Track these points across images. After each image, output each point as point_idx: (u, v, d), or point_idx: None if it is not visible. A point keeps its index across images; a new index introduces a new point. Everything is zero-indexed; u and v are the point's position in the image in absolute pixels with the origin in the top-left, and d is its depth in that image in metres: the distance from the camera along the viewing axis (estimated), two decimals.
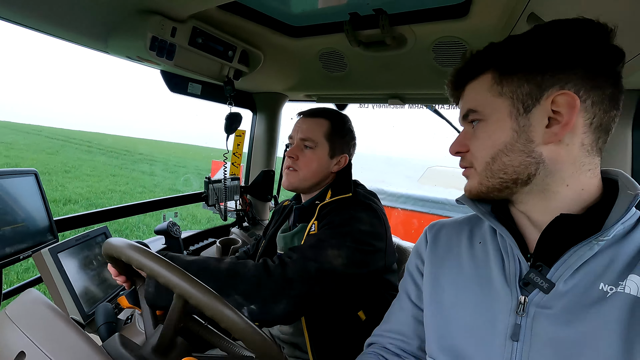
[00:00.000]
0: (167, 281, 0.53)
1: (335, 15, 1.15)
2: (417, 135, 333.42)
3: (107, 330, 0.66)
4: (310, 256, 0.84)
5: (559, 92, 0.49)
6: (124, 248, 0.58)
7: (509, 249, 0.58)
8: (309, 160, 1.07)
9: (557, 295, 0.51)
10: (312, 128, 1.08)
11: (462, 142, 0.60)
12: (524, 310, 0.53)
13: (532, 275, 0.53)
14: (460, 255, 0.65)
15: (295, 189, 1.11)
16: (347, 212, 0.95)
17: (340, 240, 0.87)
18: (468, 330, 0.58)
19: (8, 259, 0.83)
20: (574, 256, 0.50)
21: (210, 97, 1.56)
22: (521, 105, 0.52)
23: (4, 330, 0.49)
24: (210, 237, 1.79)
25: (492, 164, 0.55)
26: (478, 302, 0.58)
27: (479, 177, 0.57)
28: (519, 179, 0.53)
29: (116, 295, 1.03)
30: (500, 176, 0.55)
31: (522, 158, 0.52)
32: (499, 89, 0.54)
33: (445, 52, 1.16)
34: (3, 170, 0.86)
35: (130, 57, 1.10)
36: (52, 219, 0.98)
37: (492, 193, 0.57)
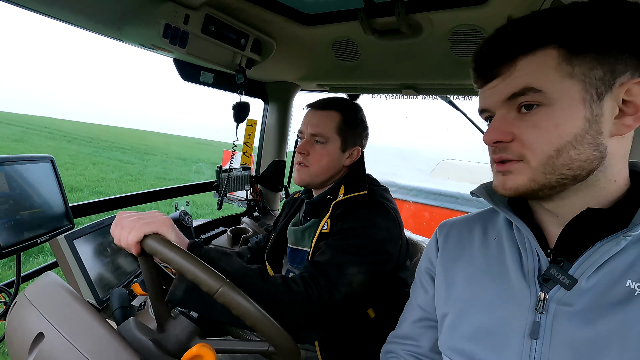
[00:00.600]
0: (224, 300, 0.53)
1: (350, 2, 1.13)
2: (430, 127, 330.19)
3: (122, 314, 0.67)
4: (334, 280, 0.81)
5: (636, 80, 0.44)
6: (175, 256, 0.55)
7: (527, 243, 0.55)
8: (319, 156, 1.04)
9: (579, 292, 0.49)
10: (322, 122, 1.05)
11: (505, 130, 0.50)
12: (544, 307, 0.50)
13: (553, 271, 0.50)
14: (473, 252, 0.63)
15: (306, 185, 1.09)
16: (363, 216, 0.91)
17: (358, 253, 0.85)
18: (484, 328, 0.56)
19: (26, 242, 0.85)
20: (599, 252, 0.48)
21: (222, 86, 1.56)
22: (594, 91, 0.45)
23: (24, 312, 0.50)
24: (221, 226, 1.81)
25: (557, 157, 0.47)
26: (494, 299, 0.56)
27: (532, 173, 0.49)
28: (580, 175, 0.48)
29: (130, 282, 1.05)
30: (563, 172, 0.47)
31: (589, 152, 0.46)
32: (569, 69, 0.45)
33: (462, 41, 1.12)
34: (20, 156, 0.88)
35: (143, 45, 1.10)
36: (68, 205, 1.00)
37: (541, 191, 0.50)
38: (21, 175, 0.87)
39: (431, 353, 0.69)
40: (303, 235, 1.05)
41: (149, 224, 0.62)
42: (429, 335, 0.69)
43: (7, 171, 0.84)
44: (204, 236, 1.66)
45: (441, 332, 0.64)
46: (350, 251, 0.85)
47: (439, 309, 0.65)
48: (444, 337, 0.62)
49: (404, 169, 4.69)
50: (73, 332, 0.46)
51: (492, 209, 0.64)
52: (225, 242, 1.66)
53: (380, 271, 0.89)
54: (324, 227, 0.97)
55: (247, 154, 1.87)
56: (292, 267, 1.10)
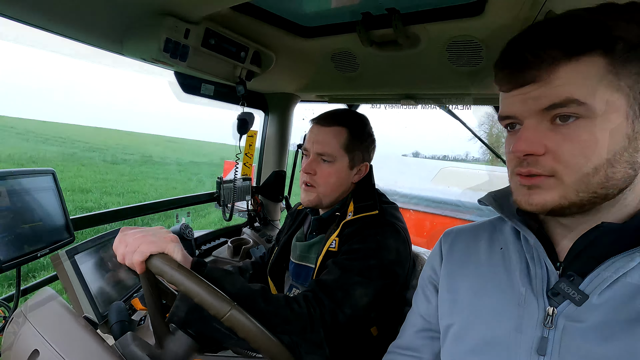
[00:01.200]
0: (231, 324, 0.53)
1: (348, 15, 1.15)
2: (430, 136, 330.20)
3: (120, 329, 0.67)
4: (340, 301, 0.80)
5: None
6: (181, 277, 0.56)
7: (535, 255, 0.53)
8: (327, 176, 1.00)
9: (590, 309, 0.47)
10: (328, 140, 1.00)
11: (539, 142, 0.45)
12: (552, 323, 0.48)
13: (563, 285, 0.48)
14: (478, 262, 0.61)
15: (315, 206, 1.05)
16: (374, 237, 0.89)
17: (367, 275, 0.84)
18: (488, 340, 0.54)
19: (26, 256, 0.85)
20: (612, 267, 0.46)
21: (223, 98, 1.58)
22: (638, 106, 0.42)
23: (21, 328, 0.50)
24: (221, 238, 1.81)
25: (594, 175, 0.43)
26: (499, 311, 0.54)
27: (565, 190, 0.45)
28: (612, 194, 0.45)
29: (130, 296, 1.05)
30: (597, 190, 0.44)
31: (625, 170, 0.44)
32: (615, 81, 0.41)
33: (459, 51, 1.13)
34: (22, 170, 0.88)
35: (144, 59, 1.12)
36: (68, 218, 1.00)
37: (569, 209, 0.46)
38: (22, 188, 0.88)
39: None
40: (309, 251, 1.03)
41: (154, 243, 0.61)
42: (431, 347, 0.68)
43: (9, 185, 0.84)
44: (205, 247, 1.65)
45: (444, 344, 0.62)
46: (359, 273, 0.84)
47: (442, 319, 0.64)
48: (447, 348, 0.61)
49: (405, 176, 4.69)
50: (68, 349, 0.46)
51: (499, 218, 0.62)
52: (226, 254, 1.66)
53: (388, 292, 0.88)
54: (331, 245, 0.95)
55: (247, 164, 1.88)
56: (297, 283, 1.08)
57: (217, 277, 0.73)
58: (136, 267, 0.60)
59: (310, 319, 0.76)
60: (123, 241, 0.63)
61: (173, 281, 0.55)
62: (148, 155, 17.22)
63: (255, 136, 1.86)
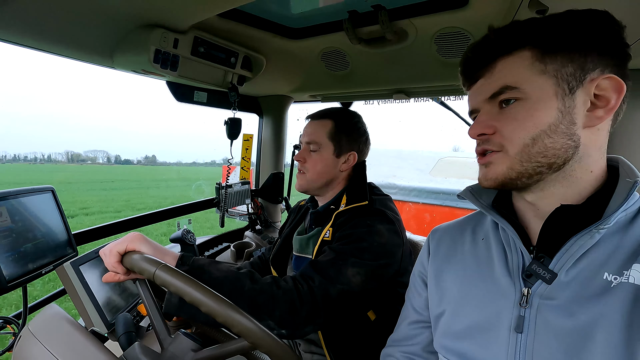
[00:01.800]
0: (193, 300, 0.55)
1: (335, 14, 1.15)
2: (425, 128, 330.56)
3: (127, 340, 0.68)
4: (332, 277, 0.84)
5: (605, 75, 0.48)
6: (149, 266, 0.59)
7: (512, 242, 0.57)
8: (314, 162, 1.08)
9: (560, 286, 0.51)
10: (315, 130, 1.10)
11: (488, 123, 0.55)
12: (527, 302, 0.52)
13: (534, 267, 0.53)
14: (463, 253, 0.65)
15: (305, 190, 1.12)
16: (364, 224, 0.94)
17: (359, 256, 0.88)
18: (473, 326, 0.58)
19: (31, 274, 0.86)
20: (575, 245, 0.50)
21: (217, 103, 1.58)
22: (566, 86, 0.50)
23: (28, 346, 0.51)
24: (224, 242, 1.82)
25: (532, 146, 0.51)
26: (482, 297, 0.58)
27: (511, 161, 0.53)
28: (555, 163, 0.51)
29: (137, 303, 1.06)
30: (539, 160, 0.51)
31: (563, 140, 0.50)
32: (541, 66, 0.50)
33: (447, 43, 1.14)
34: (21, 190, 0.89)
35: (135, 71, 1.13)
36: (70, 233, 1.01)
37: (520, 180, 0.53)
38: (23, 207, 0.89)
39: (424, 352, 0.71)
40: (307, 244, 1.08)
41: (119, 243, 0.71)
42: (423, 335, 0.71)
43: (9, 205, 0.85)
44: (208, 253, 1.67)
45: (435, 332, 0.66)
46: (351, 254, 0.88)
47: (432, 310, 0.67)
48: (438, 336, 0.64)
49: (403, 170, 4.69)
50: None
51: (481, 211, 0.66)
52: (229, 258, 1.67)
53: (379, 275, 0.90)
54: (325, 235, 1.00)
55: (245, 168, 1.89)
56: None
57: (202, 264, 0.78)
58: (118, 270, 0.71)
59: (298, 294, 0.80)
60: (103, 255, 0.73)
61: (141, 270, 0.61)
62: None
63: (252, 140, 1.87)
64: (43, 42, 0.93)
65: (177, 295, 0.67)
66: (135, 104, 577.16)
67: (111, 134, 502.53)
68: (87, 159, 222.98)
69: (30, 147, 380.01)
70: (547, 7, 0.77)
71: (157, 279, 0.57)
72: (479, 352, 0.56)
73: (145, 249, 0.72)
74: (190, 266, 0.77)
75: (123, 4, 0.87)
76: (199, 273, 0.76)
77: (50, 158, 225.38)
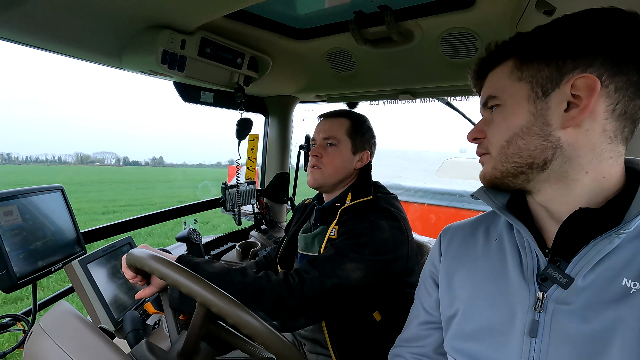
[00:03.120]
0: (189, 291, 0.55)
1: (341, 14, 1.16)
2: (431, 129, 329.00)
3: (135, 337, 0.69)
4: (328, 272, 0.84)
5: (579, 75, 0.48)
6: (146, 259, 0.60)
7: (526, 244, 0.57)
8: (332, 158, 1.09)
9: (577, 291, 0.49)
10: (334, 127, 1.11)
11: (480, 129, 0.60)
12: (542, 307, 0.52)
13: (550, 271, 0.51)
14: (476, 254, 0.64)
15: (320, 186, 1.12)
16: (367, 219, 0.94)
17: (359, 252, 0.88)
18: (485, 328, 0.57)
19: (41, 272, 0.88)
20: (593, 250, 0.48)
21: (223, 104, 1.59)
22: (540, 89, 0.51)
23: (39, 342, 0.52)
24: (230, 242, 1.83)
25: (507, 147, 0.54)
26: (495, 299, 0.57)
27: (493, 162, 0.57)
28: (534, 163, 0.52)
29: (143, 302, 1.07)
30: (515, 160, 0.54)
31: (538, 142, 0.51)
32: (519, 74, 0.53)
33: (454, 44, 1.14)
34: (31, 188, 0.91)
35: (143, 72, 1.14)
36: (79, 232, 1.03)
37: (506, 179, 0.56)
38: (33, 206, 0.90)
39: (434, 354, 0.70)
40: (313, 242, 1.08)
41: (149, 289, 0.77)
42: (434, 337, 0.71)
43: (20, 204, 0.87)
44: (214, 252, 1.68)
45: (446, 334, 0.65)
46: (351, 249, 0.88)
47: (443, 311, 0.67)
48: (449, 338, 0.64)
49: (409, 170, 4.67)
50: None
51: (494, 210, 0.65)
52: (235, 257, 1.68)
53: (380, 271, 0.90)
54: (331, 233, 1.00)
55: (251, 168, 1.90)
56: None
57: (197, 262, 0.82)
58: (126, 273, 0.77)
59: (287, 286, 0.81)
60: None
61: (142, 265, 0.62)
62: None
63: (257, 140, 1.88)
64: (52, 43, 0.95)
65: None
66: (143, 106, 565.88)
67: (119, 136, 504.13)
68: (95, 161, 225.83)
69: (41, 149, 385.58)
70: (555, 7, 0.77)
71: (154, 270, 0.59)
72: (490, 355, 0.56)
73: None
74: (186, 264, 0.80)
75: (131, 5, 0.88)
76: (194, 270, 0.78)
77: (61, 159, 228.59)
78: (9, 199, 0.85)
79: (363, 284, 0.86)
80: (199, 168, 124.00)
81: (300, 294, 0.80)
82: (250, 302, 0.77)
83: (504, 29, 0.99)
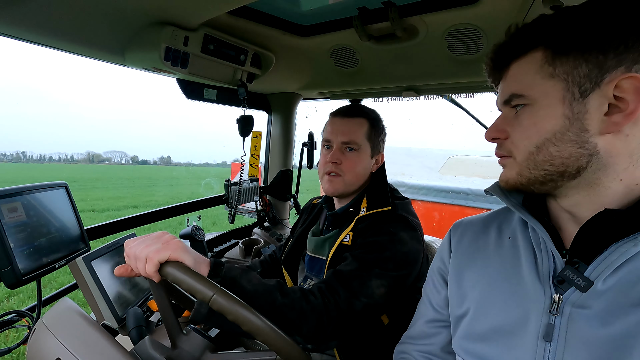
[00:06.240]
0: (236, 319, 0.53)
1: (344, 11, 1.15)
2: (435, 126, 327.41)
3: (138, 334, 0.69)
4: (356, 290, 0.82)
5: (626, 75, 0.43)
6: (204, 289, 0.55)
7: (542, 244, 0.54)
8: (353, 164, 1.03)
9: (595, 295, 0.47)
10: (353, 130, 1.03)
11: (501, 128, 0.54)
12: (558, 310, 0.49)
13: (568, 273, 0.49)
14: (487, 252, 0.62)
15: (340, 195, 1.06)
16: (387, 231, 0.91)
17: (383, 267, 0.86)
18: (496, 329, 0.55)
19: (45, 268, 0.88)
20: (616, 253, 0.46)
21: (226, 101, 1.59)
22: (577, 89, 0.45)
23: (42, 338, 0.52)
24: (233, 239, 1.83)
25: (537, 154, 0.49)
26: (507, 300, 0.55)
27: (519, 168, 0.52)
28: (566, 171, 0.48)
29: (147, 299, 1.08)
30: (545, 168, 0.49)
31: (572, 149, 0.47)
32: (550, 69, 0.47)
33: (459, 40, 1.13)
34: (36, 185, 0.91)
35: (146, 68, 1.14)
36: (83, 229, 1.03)
37: (532, 185, 0.52)
38: (37, 203, 0.91)
39: (442, 353, 0.69)
40: (323, 245, 1.05)
41: (162, 251, 0.61)
42: (442, 335, 0.69)
43: (24, 200, 0.87)
44: (217, 249, 1.68)
45: (455, 333, 0.63)
46: (375, 264, 0.86)
47: (452, 309, 0.65)
48: (458, 337, 0.61)
49: (412, 168, 4.65)
50: (89, 356, 0.48)
51: (508, 207, 0.62)
52: (238, 254, 1.68)
53: (402, 284, 0.89)
54: (345, 239, 0.97)
55: (254, 165, 1.90)
56: (311, 274, 1.11)
57: (234, 276, 0.74)
58: (153, 277, 0.61)
59: (326, 309, 0.78)
60: (131, 255, 0.63)
61: (189, 289, 0.55)
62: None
63: (260, 137, 1.87)
64: (55, 40, 0.94)
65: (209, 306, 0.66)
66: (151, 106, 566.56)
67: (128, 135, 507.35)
68: (106, 159, 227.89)
69: (53, 147, 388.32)
70: (562, 2, 0.76)
71: (213, 304, 0.54)
72: (501, 357, 0.53)
73: (188, 261, 0.64)
74: (222, 277, 0.73)
75: (134, 1, 0.88)
76: (232, 285, 0.73)
77: (73, 158, 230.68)
78: (14, 195, 0.85)
79: (386, 300, 0.85)
80: (205, 167, 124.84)
81: (336, 318, 0.78)
82: (291, 327, 0.74)
83: (509, 25, 0.97)
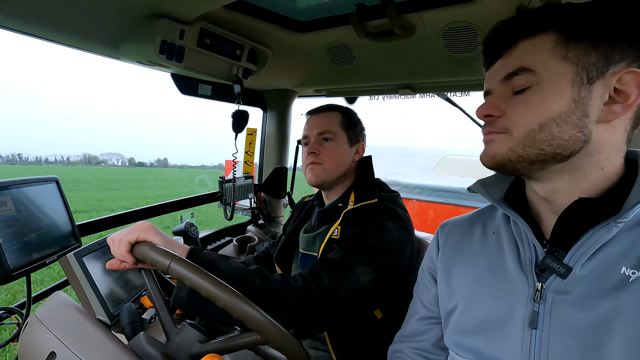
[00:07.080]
0: (209, 295, 0.54)
1: (342, 7, 1.14)
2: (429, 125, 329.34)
3: (132, 330, 0.68)
4: (340, 276, 0.83)
5: (629, 69, 0.45)
6: (162, 258, 0.58)
7: (524, 236, 0.56)
8: (331, 152, 1.06)
9: (575, 280, 0.50)
10: (327, 121, 1.09)
11: (497, 105, 0.53)
12: (542, 297, 0.51)
13: (548, 261, 0.51)
14: (473, 248, 0.64)
15: (322, 182, 1.08)
16: (373, 221, 0.93)
17: (369, 254, 0.86)
18: (485, 321, 0.57)
19: (35, 264, 0.86)
20: (591, 239, 0.49)
21: (221, 97, 1.58)
22: (585, 75, 0.47)
23: (36, 332, 0.51)
24: (227, 236, 1.82)
25: (538, 132, 0.49)
26: (494, 292, 0.57)
27: (512, 144, 0.51)
28: (560, 154, 0.49)
29: (139, 295, 1.06)
30: (542, 147, 0.49)
31: (573, 132, 0.48)
32: (563, 52, 0.48)
33: (455, 38, 1.13)
34: (26, 179, 0.89)
35: (141, 62, 1.12)
36: (74, 224, 1.01)
37: (519, 163, 0.52)
38: (27, 197, 0.88)
39: (434, 349, 0.70)
40: (314, 242, 1.06)
41: (130, 233, 0.68)
42: (433, 332, 0.71)
43: (14, 194, 0.85)
44: (210, 247, 1.67)
45: (446, 328, 0.65)
46: (361, 252, 0.86)
47: (442, 306, 0.67)
48: (449, 332, 0.64)
49: (406, 168, 4.67)
50: (84, 349, 0.47)
51: (492, 204, 0.65)
52: (232, 252, 1.67)
53: (389, 274, 0.89)
54: (333, 233, 0.98)
55: (248, 162, 1.88)
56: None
57: (212, 259, 0.77)
58: (127, 260, 0.68)
59: (307, 293, 0.78)
60: (110, 240, 0.71)
61: (154, 263, 0.59)
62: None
63: (255, 134, 1.86)
64: (48, 31, 0.92)
65: (188, 289, 0.67)
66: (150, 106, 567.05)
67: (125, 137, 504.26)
68: (102, 161, 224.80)
69: (50, 149, 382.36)
70: (559, 0, 0.76)
71: (171, 271, 0.56)
72: (491, 348, 0.55)
73: (156, 239, 0.70)
74: (200, 260, 0.76)
75: None
76: (209, 268, 0.74)
77: (69, 160, 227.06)
78: (3, 189, 0.83)
79: (373, 288, 0.85)
80: (201, 169, 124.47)
81: (318, 303, 0.78)
82: (270, 310, 0.73)
83: None
